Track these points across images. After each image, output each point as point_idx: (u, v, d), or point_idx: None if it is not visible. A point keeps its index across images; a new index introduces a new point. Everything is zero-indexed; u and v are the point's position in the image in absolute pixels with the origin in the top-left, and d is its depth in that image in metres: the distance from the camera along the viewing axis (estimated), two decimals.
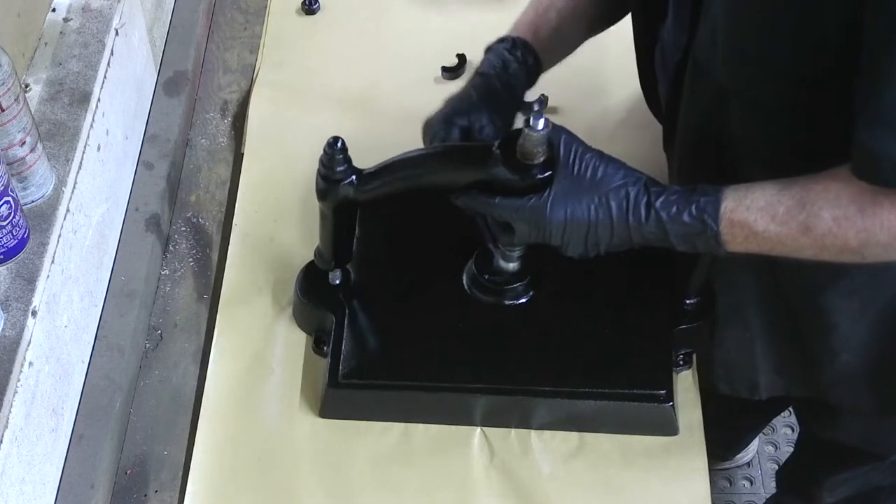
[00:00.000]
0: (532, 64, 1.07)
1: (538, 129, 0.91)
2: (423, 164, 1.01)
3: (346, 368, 1.08)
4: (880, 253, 0.87)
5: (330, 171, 1.00)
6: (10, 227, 0.95)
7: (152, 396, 1.14)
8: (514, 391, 1.08)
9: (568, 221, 0.92)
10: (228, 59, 1.47)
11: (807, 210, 0.87)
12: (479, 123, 1.02)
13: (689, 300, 1.10)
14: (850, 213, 0.85)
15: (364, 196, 1.02)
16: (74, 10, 1.20)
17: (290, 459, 1.08)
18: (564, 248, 0.95)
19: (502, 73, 1.05)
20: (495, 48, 1.07)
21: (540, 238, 0.94)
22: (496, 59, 1.06)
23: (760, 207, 0.88)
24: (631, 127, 1.32)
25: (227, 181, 1.33)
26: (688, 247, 0.93)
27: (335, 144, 1.00)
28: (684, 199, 0.91)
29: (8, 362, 0.92)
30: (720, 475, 1.95)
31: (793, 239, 0.88)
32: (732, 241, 0.91)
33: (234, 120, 1.40)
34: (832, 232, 0.86)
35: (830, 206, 0.86)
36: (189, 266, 1.25)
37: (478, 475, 1.06)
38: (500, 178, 0.94)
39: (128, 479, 1.08)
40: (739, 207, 0.89)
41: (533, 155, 0.93)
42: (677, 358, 1.11)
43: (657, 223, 0.91)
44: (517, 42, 1.07)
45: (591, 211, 0.92)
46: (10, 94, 0.93)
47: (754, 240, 0.90)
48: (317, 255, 1.12)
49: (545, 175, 0.93)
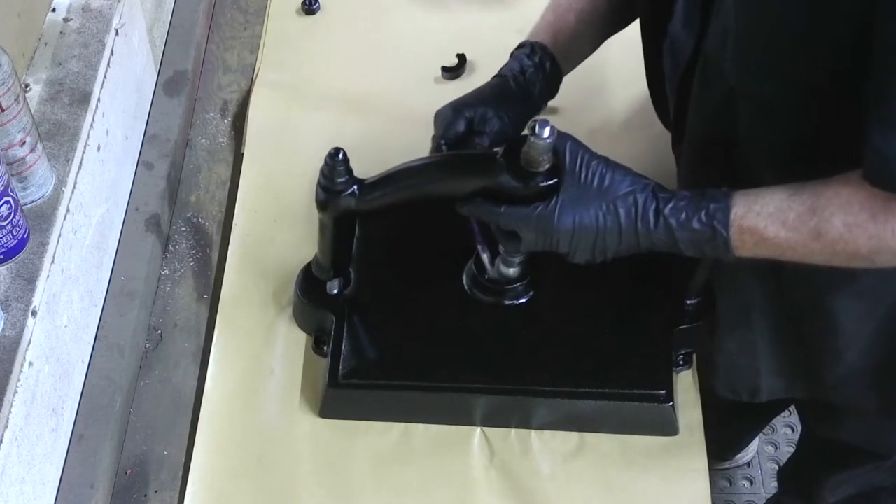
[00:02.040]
0: (550, 68, 1.08)
1: (543, 136, 0.90)
2: (426, 173, 1.01)
3: (346, 368, 1.08)
4: (891, 259, 0.86)
5: (331, 182, 1.00)
6: (10, 227, 0.95)
7: (152, 396, 1.14)
8: (514, 391, 1.08)
9: (576, 229, 0.92)
10: (228, 59, 1.47)
11: (818, 216, 0.86)
12: (485, 116, 1.03)
13: (690, 300, 1.10)
14: (861, 219, 0.84)
15: (365, 206, 1.02)
16: (74, 10, 1.20)
17: (290, 459, 1.08)
18: (572, 256, 0.94)
19: (519, 76, 1.06)
20: (515, 54, 1.09)
21: (547, 246, 0.94)
22: (515, 63, 1.08)
23: (770, 213, 0.88)
24: (633, 128, 1.32)
25: (227, 181, 1.33)
26: (696, 252, 0.93)
27: (336, 155, 0.99)
28: (693, 206, 0.91)
29: (8, 362, 0.92)
30: (720, 475, 1.95)
31: (803, 245, 0.88)
32: (742, 246, 0.90)
33: (234, 120, 1.40)
34: (843, 238, 0.85)
35: (842, 211, 0.85)
36: (189, 266, 1.25)
37: (478, 475, 1.06)
38: (504, 185, 0.94)
39: (128, 479, 1.08)
40: (749, 214, 0.89)
41: (537, 163, 0.92)
42: (677, 358, 1.11)
43: (666, 230, 0.91)
44: (535, 47, 1.08)
45: (600, 218, 0.92)
46: (10, 94, 0.93)
47: (764, 246, 0.89)
48: (314, 264, 1.12)
49: (550, 183, 0.92)
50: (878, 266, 0.88)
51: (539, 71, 1.07)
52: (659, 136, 1.24)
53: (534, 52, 1.07)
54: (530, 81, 1.06)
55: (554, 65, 1.08)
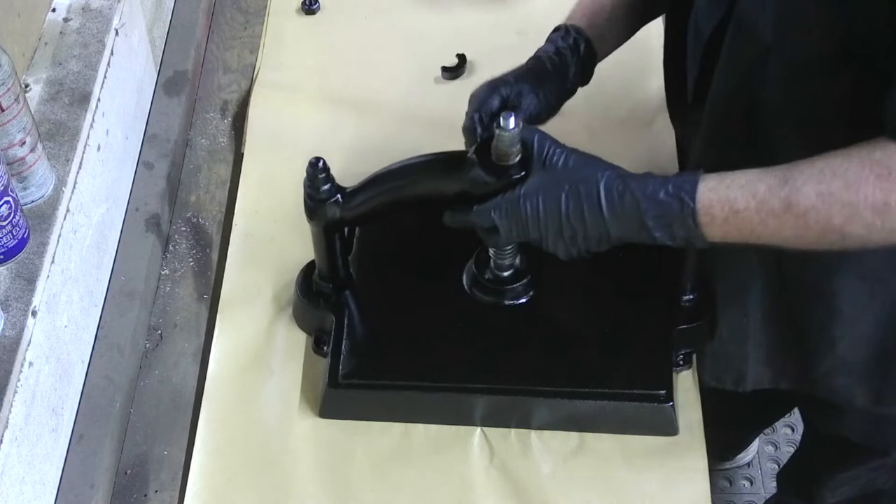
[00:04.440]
0: (584, 51, 1.08)
1: (509, 127, 0.92)
2: (404, 175, 1.03)
3: (346, 368, 1.08)
4: (862, 234, 0.84)
5: (314, 191, 1.02)
6: (10, 227, 0.95)
7: (152, 396, 1.14)
8: (514, 391, 1.08)
9: (541, 211, 0.93)
10: (228, 59, 1.47)
11: (789, 185, 0.85)
12: (521, 92, 1.04)
13: (686, 296, 1.10)
14: (834, 187, 0.83)
15: (351, 213, 1.04)
16: (74, 10, 1.20)
17: (290, 459, 1.08)
18: (545, 244, 0.95)
19: (555, 58, 1.07)
20: (551, 37, 1.10)
21: (520, 232, 0.95)
22: (550, 46, 1.08)
23: (741, 185, 0.87)
24: (633, 127, 1.32)
25: (227, 181, 1.33)
26: (666, 233, 0.91)
27: (317, 165, 1.01)
28: (661, 180, 0.90)
29: (8, 362, 0.92)
30: (720, 475, 1.95)
31: (775, 217, 0.86)
32: (711, 222, 0.88)
33: (234, 120, 1.40)
34: (815, 208, 0.84)
35: (814, 180, 0.84)
36: (189, 266, 1.25)
37: (478, 475, 1.06)
38: (477, 181, 0.95)
39: (128, 479, 1.08)
40: (720, 186, 0.88)
41: (507, 156, 0.94)
42: (677, 358, 1.11)
43: (632, 204, 0.90)
44: (570, 30, 1.08)
45: (563, 199, 0.92)
46: (10, 94, 0.94)
47: (734, 221, 0.87)
48: (316, 276, 1.13)
49: (521, 175, 0.94)
50: (847, 244, 0.86)
51: (574, 53, 1.08)
52: (658, 135, 1.25)
53: (568, 34, 1.08)
54: (565, 63, 1.07)
55: (589, 48, 1.08)
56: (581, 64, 1.08)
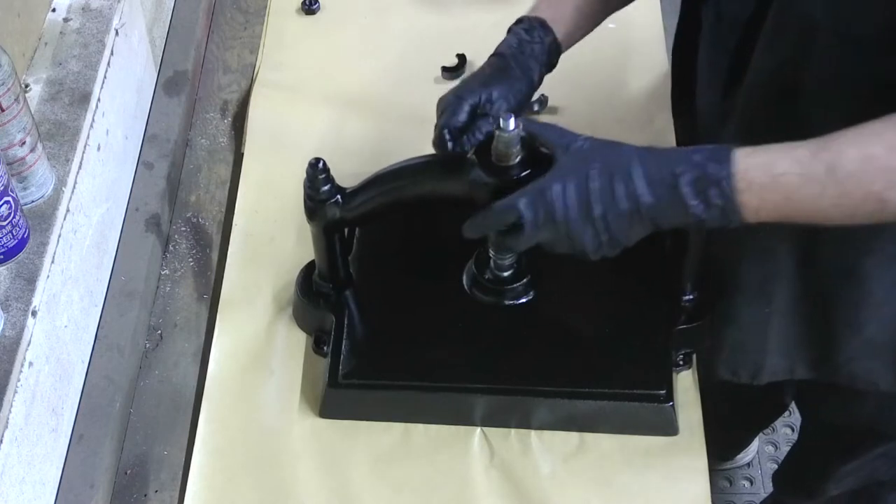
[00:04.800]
0: (550, 43, 1.06)
1: (509, 129, 0.91)
2: (404, 175, 1.02)
3: (346, 368, 1.08)
4: None
5: (314, 191, 1.02)
6: (10, 227, 0.95)
7: (152, 396, 1.14)
8: (514, 391, 1.08)
9: (570, 190, 0.89)
10: (228, 59, 1.47)
11: (832, 149, 0.83)
12: (490, 98, 1.02)
13: (686, 296, 1.10)
14: (876, 151, 0.82)
15: (351, 213, 1.04)
16: (74, 10, 1.20)
17: (290, 459, 1.08)
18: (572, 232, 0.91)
19: (518, 54, 1.05)
20: (513, 29, 1.08)
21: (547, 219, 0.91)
22: (513, 39, 1.06)
23: (780, 149, 0.85)
24: (632, 126, 1.32)
25: (227, 181, 1.33)
26: (701, 201, 0.87)
27: (317, 165, 1.01)
28: (693, 147, 0.88)
29: (8, 362, 0.92)
30: (720, 475, 1.95)
31: (817, 184, 0.83)
32: (749, 188, 0.85)
33: (234, 120, 1.40)
34: (857, 174, 0.82)
35: (855, 144, 0.83)
36: (189, 266, 1.25)
37: (478, 475, 1.06)
38: (478, 182, 0.95)
39: (128, 479, 1.08)
40: (757, 151, 0.86)
41: (508, 156, 0.93)
42: (677, 358, 1.11)
43: (667, 166, 0.87)
44: (534, 22, 1.07)
45: (593, 174, 0.89)
46: (10, 94, 0.94)
47: (773, 187, 0.85)
48: (316, 276, 1.13)
49: (523, 175, 0.93)
50: (885, 216, 0.84)
51: (539, 46, 1.06)
52: (659, 134, 1.25)
53: (532, 28, 1.06)
54: (529, 57, 1.05)
55: (554, 40, 1.07)
56: (546, 56, 1.06)
